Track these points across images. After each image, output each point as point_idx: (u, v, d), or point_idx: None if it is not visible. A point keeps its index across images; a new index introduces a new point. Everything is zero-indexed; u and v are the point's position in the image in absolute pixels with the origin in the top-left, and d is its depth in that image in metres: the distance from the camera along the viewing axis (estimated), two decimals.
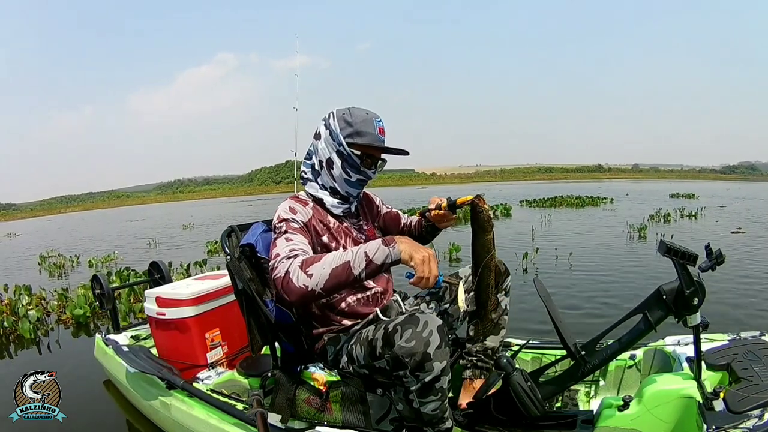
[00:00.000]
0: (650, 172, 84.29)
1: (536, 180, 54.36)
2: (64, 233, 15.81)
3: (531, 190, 25.65)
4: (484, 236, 1.22)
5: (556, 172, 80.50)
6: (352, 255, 1.10)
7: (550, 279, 4.63)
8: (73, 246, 10.68)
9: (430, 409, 1.17)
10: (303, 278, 1.10)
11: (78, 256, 8.46)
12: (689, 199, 15.76)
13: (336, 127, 1.35)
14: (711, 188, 24.63)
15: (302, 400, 1.40)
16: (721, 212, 11.08)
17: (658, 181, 40.08)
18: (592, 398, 1.65)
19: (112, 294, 2.57)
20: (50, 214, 43.21)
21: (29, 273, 7.29)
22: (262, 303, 1.42)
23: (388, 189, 43.18)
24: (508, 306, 1.58)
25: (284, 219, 1.30)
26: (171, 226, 14.50)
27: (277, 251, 1.20)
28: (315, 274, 1.10)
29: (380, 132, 1.36)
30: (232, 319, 2.06)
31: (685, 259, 1.17)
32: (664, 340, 1.64)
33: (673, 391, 1.20)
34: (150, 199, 63.56)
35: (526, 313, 3.26)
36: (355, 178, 1.37)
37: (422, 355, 1.08)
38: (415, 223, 1.63)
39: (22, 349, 3.48)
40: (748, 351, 1.37)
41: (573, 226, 9.33)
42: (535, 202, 15.20)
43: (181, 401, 1.75)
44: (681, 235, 7.24)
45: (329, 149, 1.36)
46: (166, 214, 23.48)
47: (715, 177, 58.87)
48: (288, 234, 1.26)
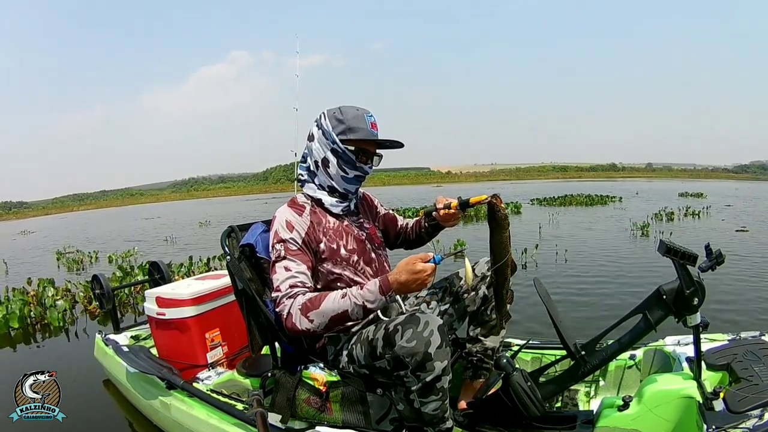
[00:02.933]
0: (663, 171, 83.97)
1: (551, 179, 54.26)
2: (79, 230, 15.90)
3: (544, 188, 25.59)
4: (502, 234, 1.25)
5: (570, 170, 79.83)
6: (349, 305, 1.17)
7: (547, 274, 4.78)
8: (89, 243, 10.73)
9: (431, 409, 1.17)
10: (305, 322, 1.19)
11: (97, 252, 8.57)
12: (697, 198, 15.84)
13: (328, 126, 1.35)
14: (721, 187, 24.61)
15: (302, 400, 1.40)
16: (728, 211, 11.12)
17: (671, 180, 40.14)
18: (592, 398, 1.65)
19: (112, 294, 2.57)
20: (62, 212, 43.22)
21: (48, 269, 7.39)
22: (262, 303, 1.42)
23: (403, 188, 43.07)
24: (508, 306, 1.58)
25: (282, 240, 1.30)
26: (187, 224, 14.50)
27: (278, 284, 1.25)
28: (315, 320, 1.19)
29: (372, 126, 1.36)
30: (232, 319, 2.05)
31: (685, 259, 1.17)
32: (664, 340, 1.64)
33: (673, 391, 1.20)
34: (164, 197, 62.61)
35: (528, 309, 3.26)
36: (352, 175, 1.38)
37: (423, 354, 1.09)
38: (412, 225, 1.62)
39: (49, 337, 3.72)
40: (748, 351, 1.37)
41: (579, 224, 9.45)
42: (546, 201, 15.32)
43: (181, 401, 1.75)
44: (683, 233, 7.31)
45: (323, 149, 1.37)
46: (181, 211, 23.53)
47: (727, 176, 58.59)
48: (287, 261, 1.28)
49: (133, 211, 28.91)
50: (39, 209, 57.66)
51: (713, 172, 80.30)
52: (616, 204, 14.11)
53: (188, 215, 19.15)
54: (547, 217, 10.39)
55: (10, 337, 3.76)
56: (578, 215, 11.26)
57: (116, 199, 69.37)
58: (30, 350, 3.48)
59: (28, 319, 3.99)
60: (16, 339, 3.74)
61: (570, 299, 3.81)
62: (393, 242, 1.64)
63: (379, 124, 1.40)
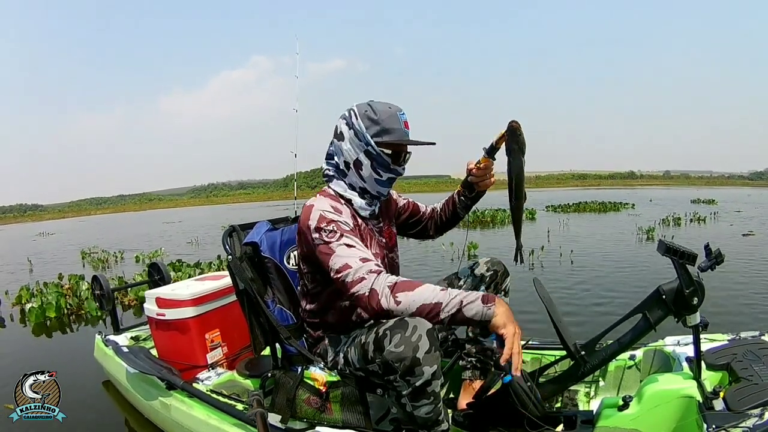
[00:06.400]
0: (681, 178, 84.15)
1: (569, 186, 54.36)
2: (100, 232, 16.10)
3: (561, 196, 25.49)
4: (521, 156, 1.28)
5: (589, 178, 79.95)
6: (446, 298, 1.10)
7: (550, 271, 5.05)
8: (112, 244, 10.84)
9: (423, 413, 1.16)
10: (391, 303, 1.11)
11: (122, 251, 8.83)
12: (709, 204, 16.01)
13: (361, 127, 1.29)
14: (734, 194, 24.83)
15: (302, 400, 1.40)
16: (737, 217, 11.26)
17: (687, 187, 40.64)
18: (592, 398, 1.65)
19: (112, 295, 2.57)
20: (79, 215, 43.42)
21: (72, 267, 7.51)
22: (263, 303, 1.42)
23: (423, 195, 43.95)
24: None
25: (332, 220, 1.22)
26: (210, 227, 14.53)
27: (345, 261, 1.16)
28: (403, 303, 1.11)
29: (405, 126, 1.32)
30: (232, 319, 2.05)
31: (684, 259, 1.17)
32: (664, 340, 1.63)
33: (673, 391, 1.20)
34: (183, 203, 62.52)
35: (528, 307, 3.27)
36: (385, 177, 1.33)
37: (411, 360, 1.07)
38: (442, 206, 1.59)
39: (86, 325, 4.08)
40: (748, 351, 1.37)
41: (589, 228, 9.74)
42: (560, 208, 15.55)
43: (181, 402, 1.74)
44: (688, 237, 7.58)
45: (356, 150, 1.30)
46: (202, 216, 23.67)
47: (743, 183, 58.99)
48: (346, 239, 1.19)
49: (152, 216, 29.17)
50: (55, 212, 57.59)
51: (729, 179, 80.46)
52: (630, 210, 14.29)
53: (210, 220, 19.25)
54: (559, 223, 10.60)
55: (46, 326, 4.07)
56: (590, 221, 11.56)
57: (134, 204, 69.34)
58: (68, 337, 3.81)
59: (64, 309, 4.35)
60: (52, 327, 4.05)
61: (569, 294, 3.95)
62: (417, 230, 1.61)
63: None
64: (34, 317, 4.13)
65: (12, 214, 60.33)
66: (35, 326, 4.07)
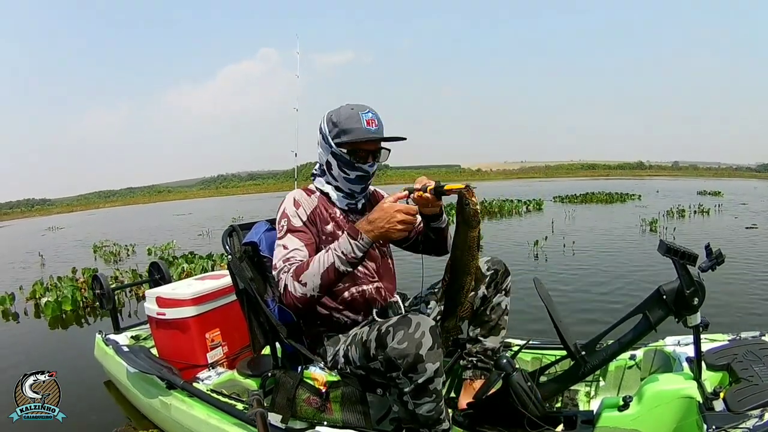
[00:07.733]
0: (689, 169, 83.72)
1: (579, 177, 54.20)
2: (110, 226, 16.16)
3: (570, 186, 25.39)
4: (468, 232, 1.13)
5: (599, 168, 79.50)
6: (332, 256, 1.18)
7: (553, 263, 5.27)
8: (122, 237, 10.86)
9: (425, 411, 1.16)
10: (299, 288, 1.19)
11: (134, 245, 8.91)
12: (715, 196, 15.94)
13: (326, 131, 1.38)
14: (741, 186, 24.72)
15: (302, 400, 1.39)
16: (742, 209, 11.26)
17: (695, 178, 40.28)
18: (592, 398, 1.65)
19: (112, 294, 2.57)
20: (88, 208, 43.34)
21: (84, 261, 7.58)
22: (263, 303, 1.42)
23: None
24: (509, 306, 1.57)
25: (287, 215, 1.34)
26: (221, 219, 14.49)
27: (275, 261, 1.28)
28: (309, 283, 1.19)
29: (369, 123, 1.33)
30: (232, 319, 2.05)
31: (684, 259, 1.17)
32: (664, 340, 1.63)
33: (674, 391, 1.20)
34: (193, 194, 62.25)
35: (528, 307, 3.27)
36: (353, 176, 1.38)
37: (414, 356, 1.08)
38: (420, 227, 1.46)
39: (100, 319, 4.09)
40: (748, 351, 1.37)
41: (594, 219, 9.86)
42: (568, 198, 15.64)
43: (181, 401, 1.75)
44: (691, 230, 7.62)
45: (325, 153, 1.40)
46: (212, 208, 23.70)
47: (750, 175, 58.38)
48: (286, 239, 1.31)
49: (162, 208, 29.24)
50: (63, 206, 57.31)
51: (737, 170, 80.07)
52: (636, 202, 14.32)
53: (220, 212, 19.18)
54: (564, 214, 10.76)
55: (62, 319, 4.17)
56: (595, 212, 11.67)
57: (143, 196, 68.92)
58: (84, 330, 3.86)
59: (80, 302, 4.46)
60: (68, 320, 4.14)
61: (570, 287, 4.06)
62: (408, 244, 1.52)
63: (383, 119, 1.36)
64: (50, 311, 4.20)
65: (20, 209, 60.35)
66: (51, 320, 4.15)
